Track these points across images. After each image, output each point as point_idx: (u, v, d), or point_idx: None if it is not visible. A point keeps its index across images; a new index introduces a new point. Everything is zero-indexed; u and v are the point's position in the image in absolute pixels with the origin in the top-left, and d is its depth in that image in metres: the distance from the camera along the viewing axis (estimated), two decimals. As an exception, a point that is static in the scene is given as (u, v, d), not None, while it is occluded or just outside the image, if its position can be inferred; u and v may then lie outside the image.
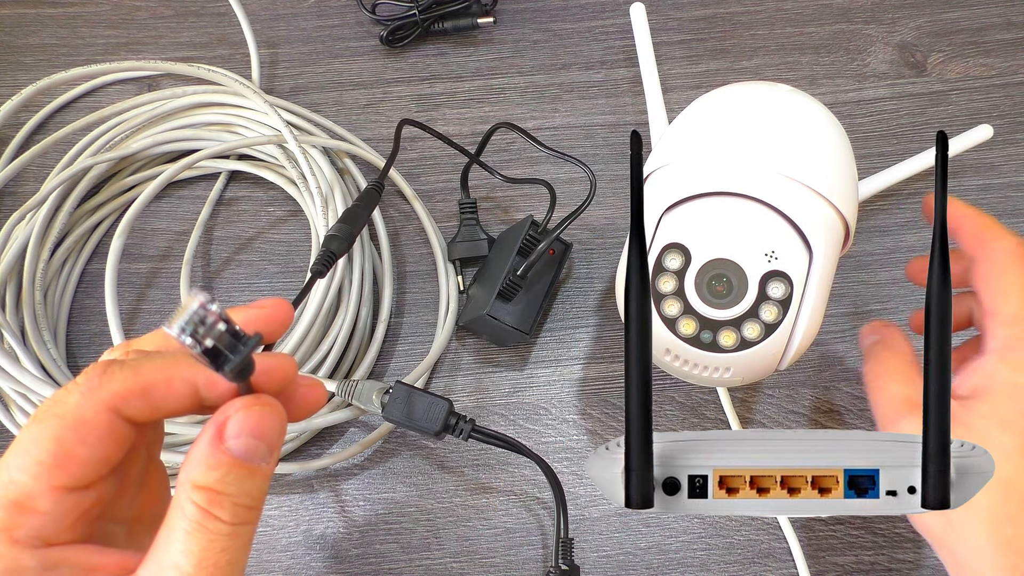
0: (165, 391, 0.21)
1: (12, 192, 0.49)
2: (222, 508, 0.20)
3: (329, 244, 0.36)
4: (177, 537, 0.20)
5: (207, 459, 0.20)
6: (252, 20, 0.51)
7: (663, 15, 0.52)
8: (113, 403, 0.21)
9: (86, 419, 0.20)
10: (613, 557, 0.40)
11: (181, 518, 0.20)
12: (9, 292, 0.43)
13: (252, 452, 0.21)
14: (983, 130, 0.44)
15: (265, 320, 0.24)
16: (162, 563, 0.20)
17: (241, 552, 0.21)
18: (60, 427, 0.20)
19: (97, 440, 0.21)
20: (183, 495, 0.20)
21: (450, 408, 0.36)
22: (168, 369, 0.22)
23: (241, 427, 0.21)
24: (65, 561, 0.20)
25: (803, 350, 0.33)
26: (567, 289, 0.46)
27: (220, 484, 0.20)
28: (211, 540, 0.20)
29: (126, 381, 0.21)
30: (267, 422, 0.21)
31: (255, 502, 0.21)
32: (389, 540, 0.41)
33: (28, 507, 0.20)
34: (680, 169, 0.34)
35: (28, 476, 0.20)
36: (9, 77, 0.52)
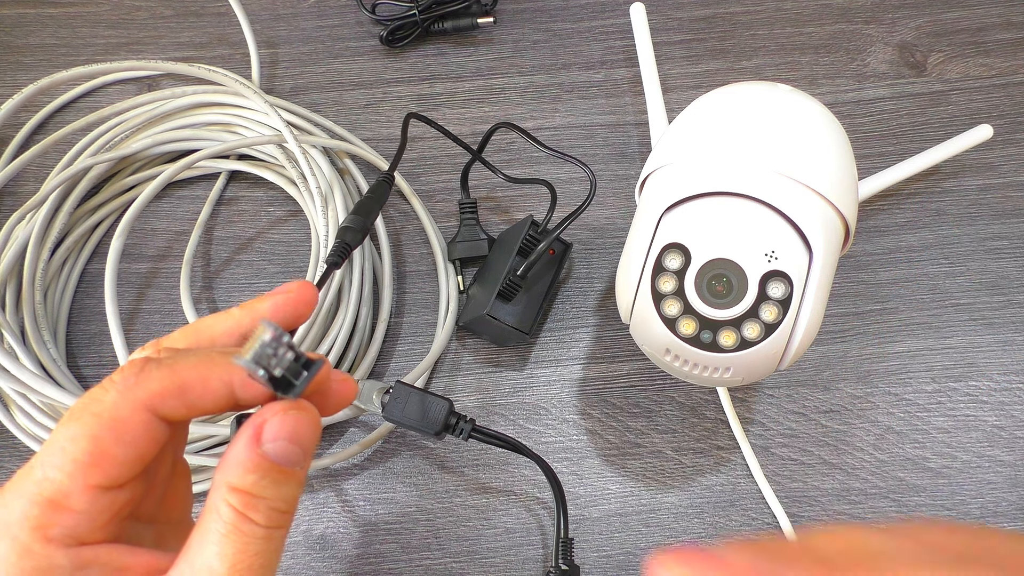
0: (201, 391, 0.21)
1: (12, 192, 0.49)
2: (257, 511, 0.20)
3: (344, 235, 0.36)
4: (211, 539, 0.20)
5: (244, 462, 0.20)
6: (252, 20, 0.51)
7: (663, 15, 0.52)
8: (150, 402, 0.21)
9: (123, 418, 0.20)
10: (613, 557, 0.40)
11: (216, 520, 0.20)
12: (9, 292, 0.43)
13: (288, 456, 0.21)
14: (983, 130, 0.44)
15: (293, 303, 0.24)
16: (195, 565, 0.20)
17: (274, 555, 0.21)
18: (97, 425, 0.20)
19: (133, 439, 0.20)
20: (218, 497, 0.20)
21: (450, 408, 0.36)
22: (204, 368, 0.21)
23: (278, 431, 0.21)
24: (96, 560, 0.20)
25: (803, 350, 0.33)
26: (567, 289, 0.46)
27: (256, 487, 0.20)
28: (245, 543, 0.20)
29: (163, 380, 0.21)
30: (303, 427, 0.21)
31: (289, 506, 0.21)
32: (389, 540, 0.41)
33: (63, 505, 0.20)
34: (680, 169, 0.34)
35: (63, 474, 0.20)
36: (9, 77, 0.52)
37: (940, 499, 0.41)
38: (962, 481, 0.41)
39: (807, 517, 0.41)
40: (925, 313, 0.44)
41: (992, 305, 0.44)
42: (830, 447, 0.42)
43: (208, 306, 0.46)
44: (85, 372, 0.45)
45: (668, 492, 0.41)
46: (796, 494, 0.41)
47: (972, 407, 0.42)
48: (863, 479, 0.41)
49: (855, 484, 0.41)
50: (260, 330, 0.19)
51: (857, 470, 0.41)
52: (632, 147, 0.49)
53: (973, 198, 0.47)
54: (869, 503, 0.41)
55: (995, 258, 0.45)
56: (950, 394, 0.43)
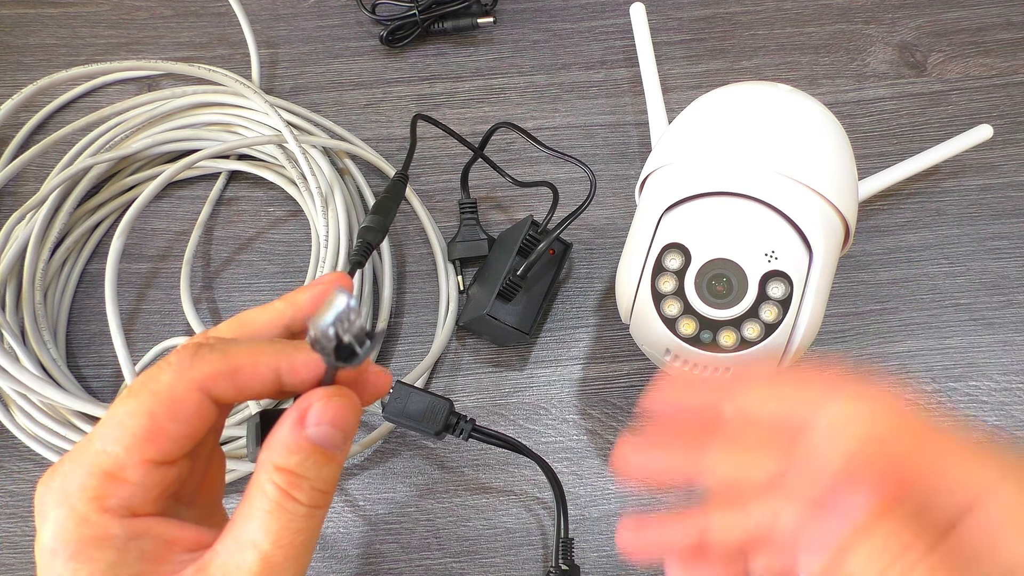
0: (251, 375, 0.22)
1: (12, 192, 0.49)
2: (301, 490, 0.21)
3: (365, 235, 0.37)
4: (256, 515, 0.21)
5: (289, 444, 0.21)
6: (252, 20, 0.51)
7: (663, 15, 0.52)
8: (204, 383, 0.22)
9: (178, 397, 0.21)
10: (613, 557, 0.40)
11: (261, 498, 0.21)
12: (9, 292, 0.43)
13: (330, 439, 0.22)
14: (983, 130, 0.44)
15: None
16: (240, 540, 0.21)
17: (314, 533, 0.22)
18: (154, 403, 0.21)
19: (187, 418, 0.21)
20: (264, 476, 0.21)
21: (450, 408, 0.36)
22: (254, 354, 0.22)
23: (321, 415, 0.22)
24: (148, 532, 0.21)
25: (803, 350, 0.33)
26: (567, 289, 0.46)
27: (300, 468, 0.21)
28: (289, 520, 0.21)
29: (216, 363, 0.22)
30: (345, 412, 0.22)
31: (329, 487, 0.22)
32: (389, 540, 0.41)
33: (119, 477, 0.21)
34: (680, 169, 0.34)
35: (121, 447, 0.21)
36: (9, 77, 0.52)
37: (940, 499, 0.41)
38: (962, 481, 0.41)
39: (807, 517, 0.41)
40: (925, 313, 0.44)
41: (992, 305, 0.44)
42: (830, 447, 0.42)
43: (208, 306, 0.46)
44: (85, 372, 0.45)
45: (668, 492, 0.41)
46: (796, 494, 0.41)
47: (972, 407, 0.42)
48: (863, 479, 0.41)
49: (855, 484, 0.41)
50: (335, 297, 0.20)
51: (857, 470, 0.41)
52: (632, 147, 0.49)
53: (973, 198, 0.47)
54: (869, 503, 0.41)
55: (995, 258, 0.45)
56: (950, 394, 0.43)
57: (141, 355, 0.44)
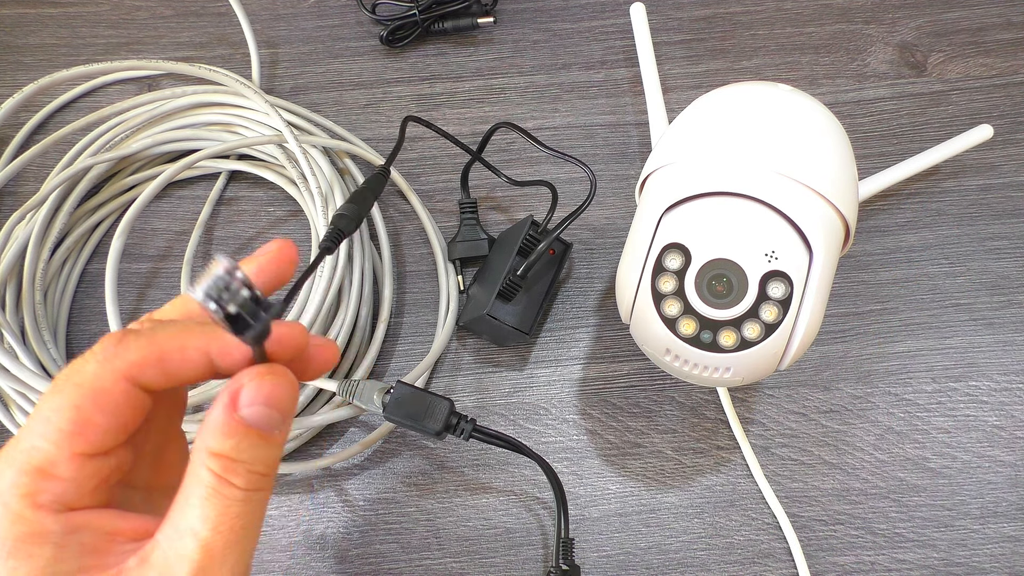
0: (180, 360, 0.22)
1: (12, 192, 0.49)
2: (237, 475, 0.21)
3: (338, 222, 0.36)
4: (193, 503, 0.21)
5: (222, 427, 0.21)
6: (252, 20, 0.51)
7: (663, 15, 0.52)
8: (129, 372, 0.21)
9: (104, 388, 0.21)
10: (613, 557, 0.40)
11: (197, 484, 0.21)
12: (9, 292, 0.43)
13: (266, 420, 0.21)
14: (983, 130, 0.44)
15: (276, 263, 0.24)
16: (179, 527, 0.21)
17: (255, 517, 0.22)
18: (79, 396, 0.21)
19: (115, 408, 0.21)
20: (198, 462, 0.21)
21: (451, 408, 0.36)
22: (182, 338, 0.22)
23: (254, 396, 0.21)
24: (86, 525, 0.21)
25: (803, 350, 0.33)
26: (567, 289, 0.46)
27: (235, 451, 0.21)
28: (227, 506, 0.21)
29: (141, 350, 0.21)
30: (279, 391, 0.21)
31: (269, 469, 0.22)
32: (389, 540, 0.41)
33: (50, 473, 0.20)
34: (680, 169, 0.34)
35: (49, 443, 0.20)
36: (9, 77, 0.52)
37: (940, 499, 0.41)
38: (962, 481, 0.41)
39: (807, 517, 0.41)
40: (925, 313, 0.44)
41: (992, 305, 0.44)
42: (830, 447, 0.42)
43: (208, 306, 0.46)
44: (85, 372, 0.45)
45: (668, 492, 0.41)
46: (796, 494, 0.41)
47: (972, 407, 0.42)
48: (863, 479, 0.41)
49: (855, 484, 0.41)
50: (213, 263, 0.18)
51: (857, 470, 0.41)
52: (632, 147, 0.49)
53: (973, 198, 0.47)
54: (869, 503, 0.41)
55: (995, 258, 0.45)
56: (950, 394, 0.43)
57: (141, 355, 0.44)
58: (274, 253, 0.25)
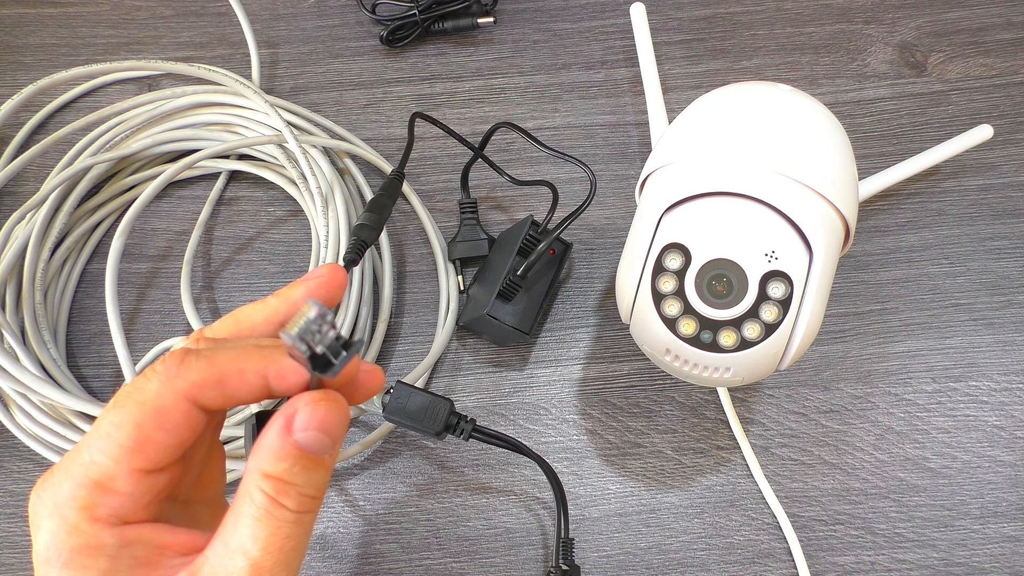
0: (238, 382, 0.22)
1: (12, 192, 0.49)
2: (288, 497, 0.21)
3: (359, 233, 0.37)
4: (245, 522, 0.21)
5: (276, 450, 0.21)
6: (252, 20, 0.51)
7: (663, 15, 0.52)
8: (190, 392, 0.22)
9: (165, 407, 0.21)
10: (613, 557, 0.40)
11: (249, 504, 0.21)
12: (9, 292, 0.43)
13: (318, 445, 0.22)
14: (983, 130, 0.44)
15: (326, 287, 0.25)
16: (229, 546, 0.21)
17: (303, 539, 0.22)
18: (141, 413, 0.21)
19: (174, 427, 0.22)
20: (252, 483, 0.21)
21: (451, 408, 0.36)
22: (241, 361, 0.22)
23: (308, 421, 0.22)
24: (139, 539, 0.22)
25: (803, 350, 0.33)
26: (567, 289, 0.46)
27: (288, 474, 0.21)
28: (277, 527, 0.21)
29: (202, 372, 0.22)
30: (332, 416, 0.22)
31: (318, 492, 0.22)
32: (389, 540, 0.41)
33: (109, 487, 0.21)
34: (680, 169, 0.34)
35: (109, 458, 0.21)
36: (9, 77, 0.52)
37: (940, 499, 0.41)
38: (962, 481, 0.41)
39: (807, 517, 0.41)
40: (925, 313, 0.44)
41: (992, 305, 0.44)
42: (830, 447, 0.42)
43: (208, 306, 0.46)
44: (85, 372, 0.45)
45: (668, 492, 0.41)
46: (796, 494, 0.41)
47: (972, 407, 0.42)
48: (863, 479, 0.41)
49: (855, 484, 0.41)
50: (305, 308, 0.19)
51: (857, 470, 0.41)
52: (632, 147, 0.49)
53: (973, 198, 0.47)
54: (869, 503, 0.41)
55: (995, 258, 0.45)
56: (950, 394, 0.43)
57: (141, 355, 0.44)
58: (325, 278, 0.25)
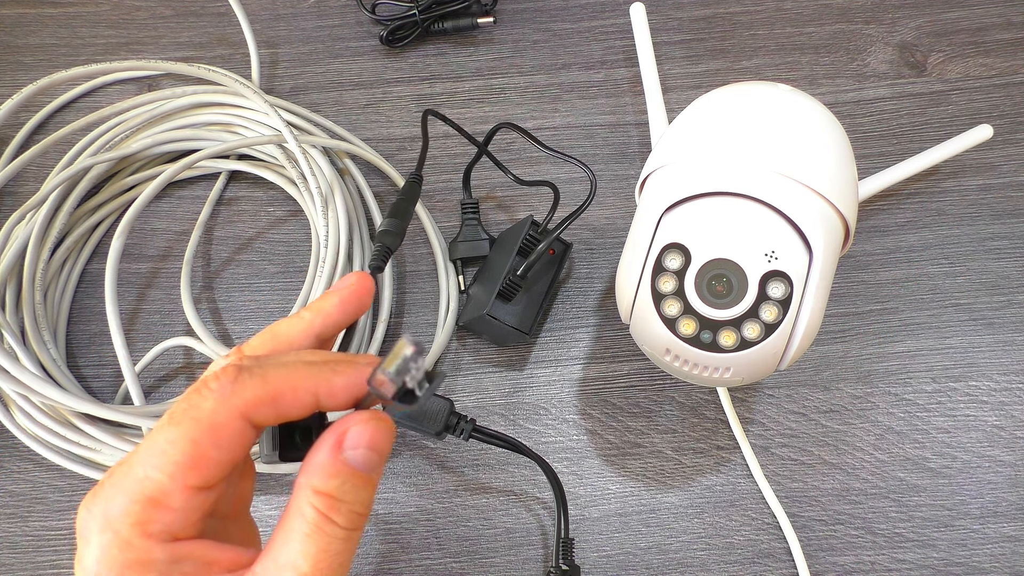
0: (291, 400, 0.22)
1: (12, 192, 0.49)
2: (339, 513, 0.22)
3: (383, 239, 0.37)
4: (295, 538, 0.22)
5: (327, 468, 0.22)
6: (252, 20, 0.51)
7: (663, 15, 0.52)
8: (245, 410, 0.22)
9: (220, 424, 0.21)
10: (613, 557, 0.40)
11: (300, 521, 0.22)
12: (9, 292, 0.43)
13: (368, 463, 0.22)
14: (983, 130, 0.44)
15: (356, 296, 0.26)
16: (279, 562, 0.22)
17: (349, 556, 0.23)
18: (196, 430, 0.21)
19: (228, 444, 0.22)
20: (303, 499, 0.22)
21: (451, 408, 0.36)
22: (294, 379, 0.23)
23: (359, 439, 0.22)
24: (189, 555, 0.22)
25: (803, 350, 0.33)
26: (567, 289, 0.46)
27: (339, 491, 0.22)
28: (328, 543, 0.22)
29: (257, 390, 0.22)
30: (381, 435, 0.23)
31: (366, 509, 0.23)
32: (389, 540, 0.41)
33: (163, 504, 0.21)
34: (680, 169, 0.34)
35: (164, 475, 0.21)
36: (9, 77, 0.52)
37: (940, 499, 0.41)
38: (962, 481, 0.41)
39: (807, 517, 0.41)
40: (925, 313, 0.44)
41: (992, 305, 0.44)
42: (830, 447, 0.42)
43: (208, 306, 0.46)
44: (85, 372, 0.45)
45: (668, 492, 0.41)
46: (796, 494, 0.41)
47: (972, 407, 0.42)
48: (863, 479, 0.41)
49: (855, 484, 0.41)
50: (402, 345, 0.20)
51: (857, 470, 0.41)
52: (632, 147, 0.49)
53: (973, 198, 0.47)
54: (869, 503, 0.41)
55: (995, 258, 0.45)
56: (950, 394, 0.43)
57: (141, 355, 0.44)
58: (355, 286, 0.26)
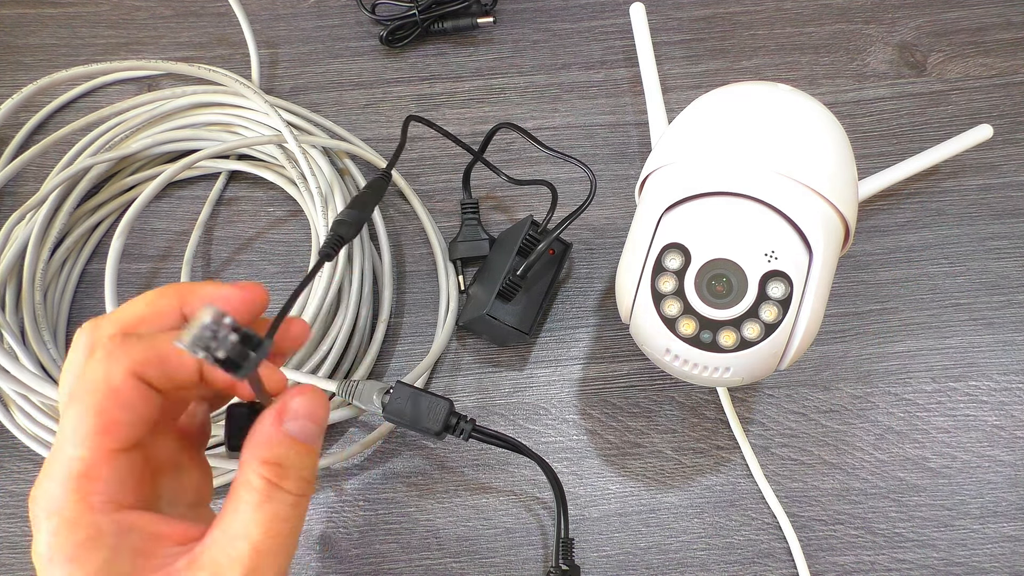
0: (178, 363, 0.24)
1: (12, 192, 0.49)
2: (288, 479, 0.23)
3: (338, 228, 0.36)
4: (245, 508, 0.23)
5: (271, 438, 0.23)
6: (252, 20, 0.51)
7: (663, 15, 0.52)
8: (134, 369, 0.23)
9: (116, 386, 0.22)
10: (613, 557, 0.40)
11: (249, 491, 0.23)
12: (9, 292, 0.43)
13: (308, 433, 0.24)
14: (983, 130, 0.44)
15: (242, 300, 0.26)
16: (229, 532, 0.23)
17: (299, 522, 0.24)
18: (97, 399, 0.22)
19: (131, 403, 0.23)
20: (250, 471, 0.23)
21: (451, 408, 0.36)
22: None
23: (298, 412, 0.24)
24: (135, 526, 0.23)
25: (803, 350, 0.33)
26: (567, 289, 0.46)
27: (285, 459, 0.23)
28: (277, 510, 0.23)
29: (144, 351, 0.23)
30: (316, 407, 0.24)
31: (312, 475, 0.24)
32: (389, 540, 0.41)
33: (93, 475, 0.22)
34: (680, 169, 0.34)
35: (84, 449, 0.22)
36: (9, 77, 0.52)
37: (940, 499, 0.41)
38: (962, 481, 0.41)
39: (807, 517, 0.41)
40: (925, 313, 0.44)
41: (992, 305, 0.44)
42: (830, 447, 0.42)
43: (208, 306, 0.46)
44: (85, 372, 0.45)
45: (668, 492, 0.41)
46: (796, 494, 0.41)
47: (972, 407, 0.42)
48: (863, 479, 0.41)
49: (855, 484, 0.41)
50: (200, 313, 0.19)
51: (857, 470, 0.41)
52: (632, 147, 0.49)
53: (973, 198, 0.47)
54: (869, 503, 0.41)
55: (995, 258, 0.45)
56: (950, 394, 0.43)
57: (141, 355, 0.44)
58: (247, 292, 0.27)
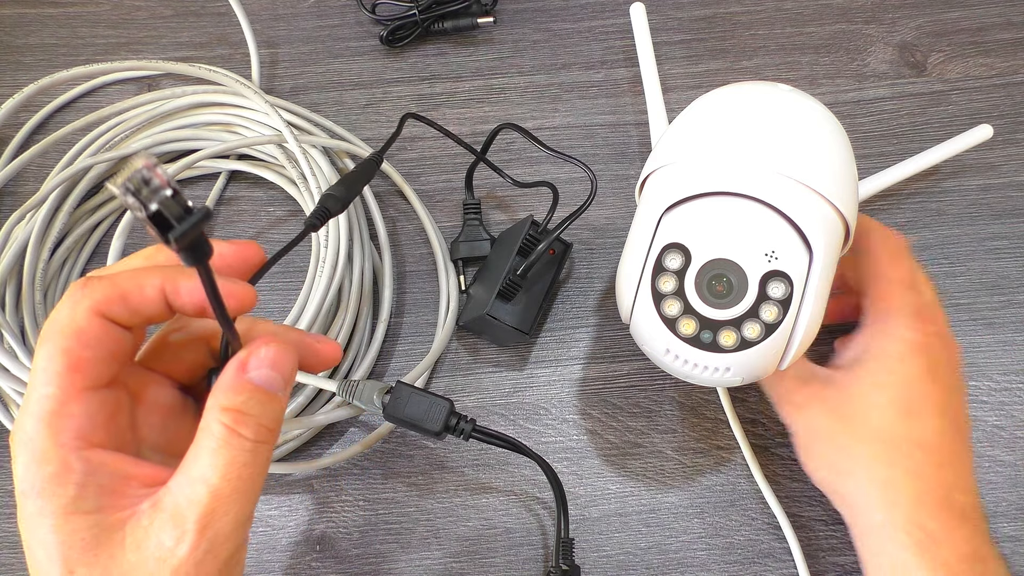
0: (140, 297, 0.24)
1: (12, 192, 0.49)
2: (247, 426, 0.24)
3: (325, 202, 0.37)
4: (204, 454, 0.23)
5: (232, 385, 0.24)
6: (252, 20, 0.51)
7: (663, 15, 0.52)
8: (98, 309, 0.24)
9: (82, 327, 0.23)
10: (613, 557, 0.40)
11: (209, 437, 0.23)
12: (9, 292, 0.43)
13: (271, 380, 0.24)
14: (983, 130, 0.44)
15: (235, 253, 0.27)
16: (190, 475, 0.23)
17: (260, 468, 0.24)
18: (63, 339, 0.23)
19: (97, 341, 0.24)
20: (211, 417, 0.24)
21: (451, 408, 0.36)
22: (139, 278, 0.25)
23: (261, 360, 0.24)
24: (104, 465, 0.23)
25: (803, 350, 0.33)
26: (567, 289, 0.46)
27: (245, 406, 0.24)
28: (235, 455, 0.23)
29: (105, 290, 0.24)
30: (281, 357, 0.25)
31: (274, 424, 0.25)
32: (389, 540, 0.41)
33: (65, 412, 0.23)
34: (680, 169, 0.34)
35: (55, 387, 0.23)
36: (9, 77, 0.52)
37: (940, 499, 0.41)
38: (962, 481, 0.41)
39: (807, 517, 0.41)
40: (925, 313, 0.44)
41: (992, 305, 0.44)
42: (830, 447, 0.42)
43: (208, 306, 0.46)
44: (85, 372, 0.45)
45: (668, 492, 0.41)
46: (796, 494, 0.41)
47: (972, 407, 0.42)
48: (863, 479, 0.41)
49: (855, 484, 0.41)
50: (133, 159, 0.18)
51: (857, 470, 0.41)
52: (632, 147, 0.49)
53: (973, 198, 0.47)
54: (869, 503, 0.41)
55: (995, 258, 0.45)
56: (950, 394, 0.43)
57: (141, 355, 0.44)
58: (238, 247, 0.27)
